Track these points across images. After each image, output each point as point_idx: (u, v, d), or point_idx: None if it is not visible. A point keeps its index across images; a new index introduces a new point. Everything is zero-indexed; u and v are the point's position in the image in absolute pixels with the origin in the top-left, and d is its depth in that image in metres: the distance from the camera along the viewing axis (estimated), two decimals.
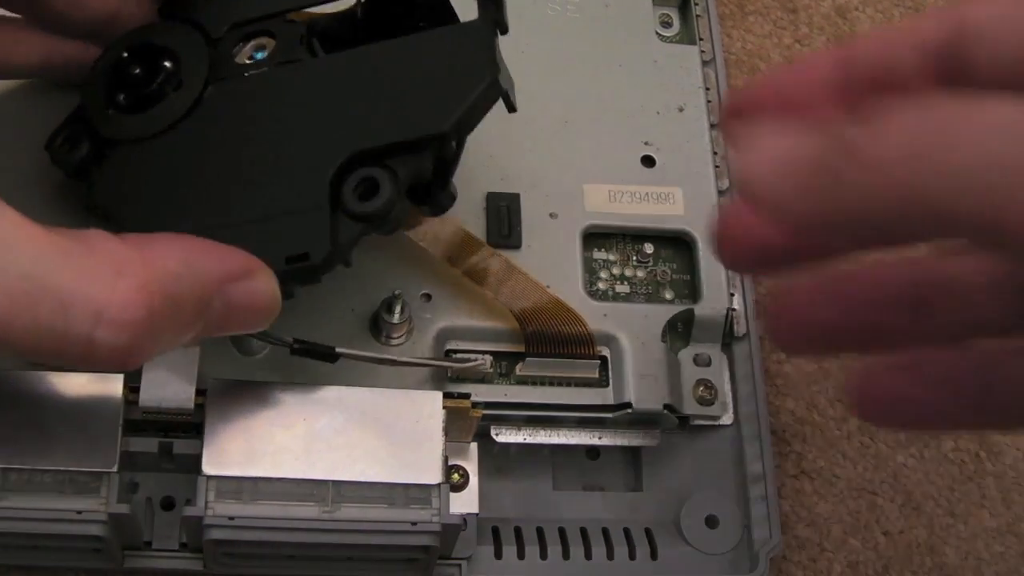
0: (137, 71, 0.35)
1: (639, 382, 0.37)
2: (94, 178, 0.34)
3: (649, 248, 0.40)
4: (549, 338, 0.37)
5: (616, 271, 0.40)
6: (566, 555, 0.37)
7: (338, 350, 0.34)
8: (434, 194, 0.34)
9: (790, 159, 0.21)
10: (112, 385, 0.33)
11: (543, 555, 0.37)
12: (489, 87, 0.32)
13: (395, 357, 0.35)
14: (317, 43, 0.35)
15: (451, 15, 0.34)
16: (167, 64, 0.35)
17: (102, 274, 0.25)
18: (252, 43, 0.36)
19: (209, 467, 0.33)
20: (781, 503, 0.40)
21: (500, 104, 0.38)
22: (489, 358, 0.36)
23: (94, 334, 0.25)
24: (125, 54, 0.35)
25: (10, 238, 0.25)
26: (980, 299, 0.26)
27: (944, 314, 0.26)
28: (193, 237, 0.29)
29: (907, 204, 0.20)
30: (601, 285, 0.40)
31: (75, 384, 0.33)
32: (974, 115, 0.20)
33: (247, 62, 0.35)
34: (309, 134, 0.33)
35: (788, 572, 0.40)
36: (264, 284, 0.30)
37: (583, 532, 0.37)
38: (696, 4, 0.45)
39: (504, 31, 0.33)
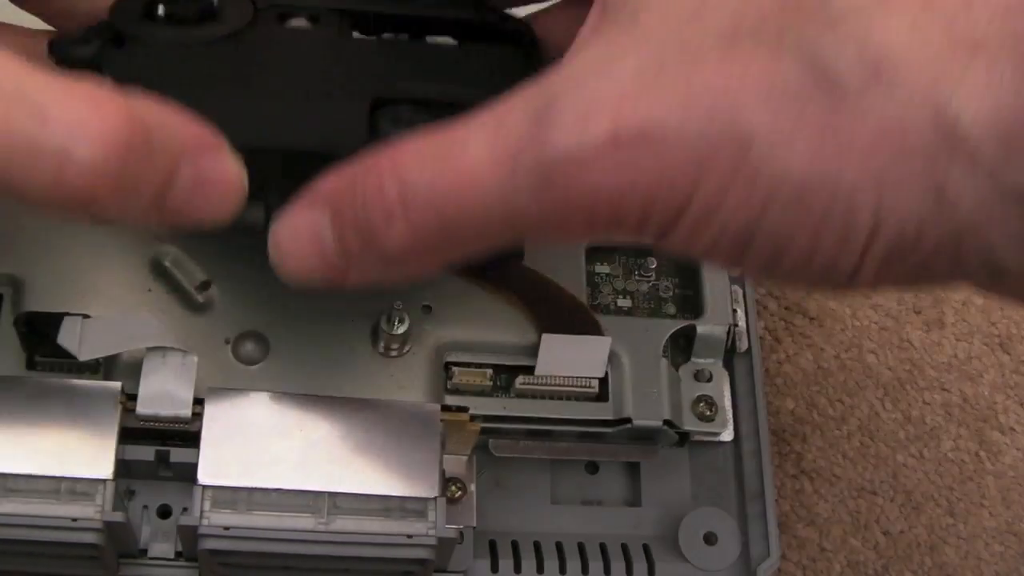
0: None
1: (639, 397, 0.37)
2: (108, 59, 0.33)
3: (652, 262, 0.40)
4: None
5: (618, 285, 0.40)
6: (563, 570, 0.37)
7: None
8: None
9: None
10: (109, 392, 0.33)
11: (540, 569, 0.37)
12: None
13: None
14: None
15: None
16: None
17: (86, 96, 0.25)
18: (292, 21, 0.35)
19: (205, 476, 0.33)
20: (781, 503, 0.40)
21: None
22: None
23: (70, 145, 0.24)
24: None
25: None
26: None
27: None
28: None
29: None
30: (603, 299, 0.39)
31: (72, 390, 0.33)
32: None
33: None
34: (350, 72, 0.33)
35: (788, 572, 0.40)
36: (234, 163, 0.28)
37: (580, 547, 0.37)
38: None
39: None
